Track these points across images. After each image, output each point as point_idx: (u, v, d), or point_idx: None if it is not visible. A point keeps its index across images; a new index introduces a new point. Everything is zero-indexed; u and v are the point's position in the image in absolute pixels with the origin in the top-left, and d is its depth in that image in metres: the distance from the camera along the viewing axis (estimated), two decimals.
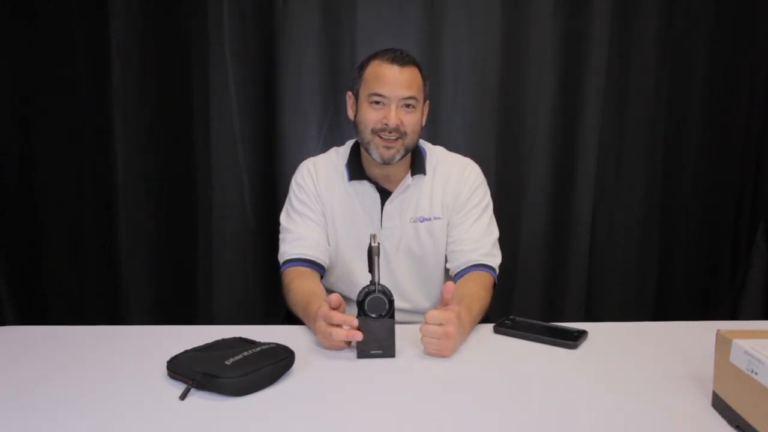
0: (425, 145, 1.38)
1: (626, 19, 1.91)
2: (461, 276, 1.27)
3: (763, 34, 1.96)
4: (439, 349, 0.98)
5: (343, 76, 1.87)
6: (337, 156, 1.37)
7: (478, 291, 1.19)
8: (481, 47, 1.87)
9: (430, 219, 1.31)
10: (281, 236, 1.33)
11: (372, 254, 0.99)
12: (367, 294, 0.98)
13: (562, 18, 1.89)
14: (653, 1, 1.90)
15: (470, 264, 1.27)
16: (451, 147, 1.44)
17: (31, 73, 1.87)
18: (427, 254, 1.33)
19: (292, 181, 1.36)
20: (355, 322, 0.97)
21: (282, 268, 1.29)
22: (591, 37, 1.89)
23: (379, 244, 1.00)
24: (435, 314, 0.97)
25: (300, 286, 1.20)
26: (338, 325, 0.98)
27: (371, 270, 1.00)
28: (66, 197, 1.93)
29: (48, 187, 1.93)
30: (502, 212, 1.95)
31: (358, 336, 0.96)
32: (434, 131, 1.88)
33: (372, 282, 0.99)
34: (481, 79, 1.89)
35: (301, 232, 1.29)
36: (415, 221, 1.31)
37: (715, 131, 2.01)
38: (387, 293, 0.98)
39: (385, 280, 1.27)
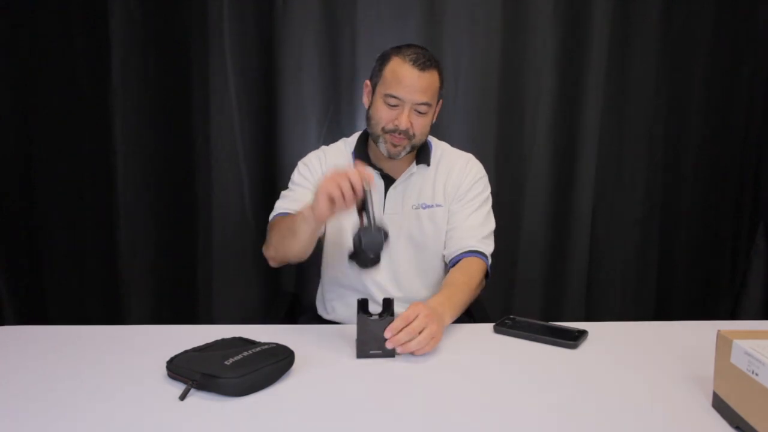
0: (431, 139, 1.40)
1: (626, 19, 1.91)
2: (453, 264, 1.29)
3: (763, 34, 1.96)
4: (431, 346, 0.99)
5: (343, 77, 1.87)
6: (345, 145, 1.39)
7: (461, 278, 1.22)
8: (481, 47, 1.88)
9: (432, 206, 1.32)
10: (278, 201, 1.32)
11: (366, 197, 0.98)
12: (361, 233, 0.97)
13: (562, 18, 1.89)
14: (653, 2, 1.90)
15: (463, 250, 1.28)
16: (452, 146, 1.44)
17: (31, 73, 1.87)
18: (427, 241, 1.34)
19: (299, 162, 1.36)
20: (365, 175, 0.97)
21: (271, 220, 1.28)
22: (591, 37, 1.89)
23: (370, 189, 0.99)
24: (410, 329, 0.96)
25: (285, 219, 1.21)
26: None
27: (364, 210, 0.99)
28: (66, 197, 1.93)
29: (48, 187, 1.93)
30: (503, 212, 1.94)
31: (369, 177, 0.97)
32: (434, 131, 1.86)
33: (363, 225, 0.98)
34: (481, 79, 1.89)
35: (296, 197, 1.29)
36: (417, 208, 1.32)
37: (715, 131, 2.02)
38: (383, 230, 0.98)
39: (384, 268, 1.30)
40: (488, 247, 1.32)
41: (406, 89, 1.19)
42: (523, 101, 1.93)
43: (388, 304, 0.99)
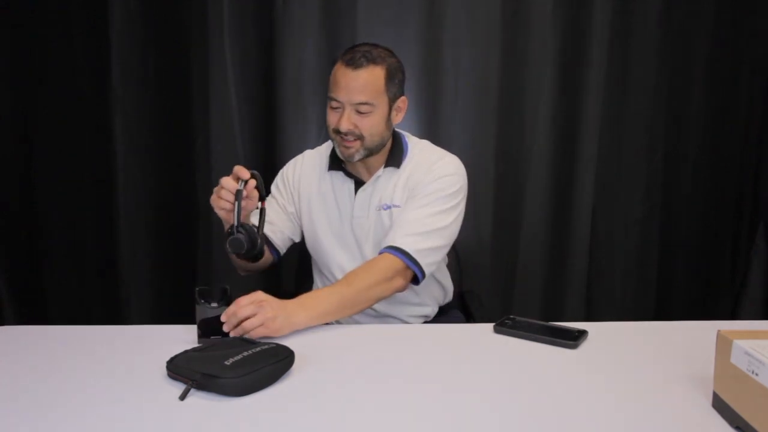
0: (411, 139, 1.38)
1: (626, 18, 1.91)
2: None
3: (763, 34, 1.96)
4: (262, 331, 1.02)
5: None
6: (327, 148, 1.40)
7: (349, 278, 1.18)
8: (481, 47, 1.87)
9: (390, 207, 1.31)
10: None
11: (236, 198, 1.10)
12: (229, 235, 1.08)
13: (562, 18, 1.89)
14: (653, 2, 1.90)
15: (385, 245, 1.23)
16: (452, 146, 1.44)
17: (31, 73, 1.87)
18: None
19: (280, 171, 1.43)
20: (246, 175, 1.11)
21: None
22: (591, 37, 1.89)
23: (242, 188, 1.10)
24: (233, 314, 1.01)
25: None
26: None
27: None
28: (66, 197, 1.93)
29: (48, 187, 1.93)
30: (503, 212, 1.95)
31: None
32: (434, 130, 1.88)
33: (232, 225, 1.08)
34: (481, 79, 1.89)
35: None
36: (379, 209, 1.32)
37: (715, 131, 2.01)
38: (250, 232, 1.09)
39: None
40: (415, 244, 1.21)
41: (342, 90, 1.20)
42: (523, 101, 1.93)
43: (224, 292, 1.04)
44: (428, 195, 1.26)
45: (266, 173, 1.90)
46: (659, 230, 2.05)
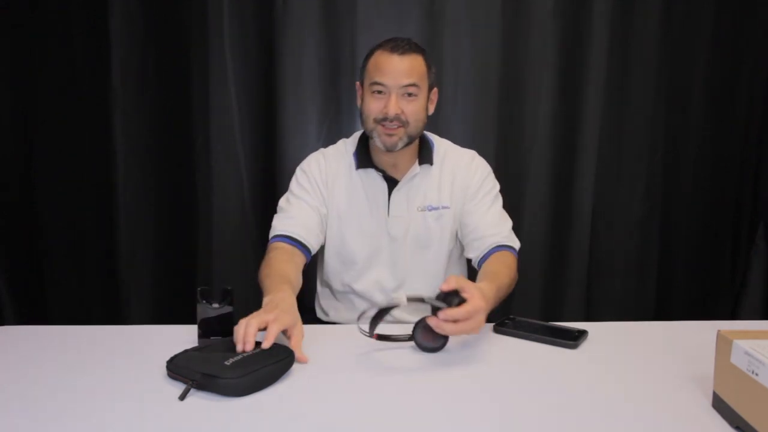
0: (433, 137, 1.40)
1: (626, 18, 1.91)
2: (485, 259, 1.28)
3: (763, 34, 1.96)
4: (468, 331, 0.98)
5: (343, 76, 1.87)
6: (345, 146, 1.38)
7: (501, 268, 1.22)
8: (481, 47, 1.88)
9: (438, 208, 1.32)
10: (275, 215, 1.33)
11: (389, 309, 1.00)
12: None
13: (562, 18, 1.89)
14: (653, 1, 1.90)
15: (493, 246, 1.28)
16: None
17: (31, 73, 1.87)
18: (432, 243, 1.33)
19: (298, 169, 1.37)
20: (250, 345, 0.90)
21: (269, 243, 1.28)
22: (591, 37, 1.89)
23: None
24: (463, 327, 0.95)
25: (277, 259, 1.19)
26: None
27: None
28: (66, 197, 1.93)
29: (48, 187, 1.93)
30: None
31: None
32: (434, 130, 1.87)
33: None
34: (481, 78, 1.89)
35: (294, 213, 1.29)
36: (423, 210, 1.31)
37: (715, 131, 2.01)
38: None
39: (388, 268, 1.31)
40: (515, 243, 1.32)
41: (389, 74, 1.20)
42: (523, 100, 1.93)
43: (226, 293, 1.03)
44: (486, 195, 1.33)
45: (266, 173, 1.92)
46: (659, 230, 2.05)
